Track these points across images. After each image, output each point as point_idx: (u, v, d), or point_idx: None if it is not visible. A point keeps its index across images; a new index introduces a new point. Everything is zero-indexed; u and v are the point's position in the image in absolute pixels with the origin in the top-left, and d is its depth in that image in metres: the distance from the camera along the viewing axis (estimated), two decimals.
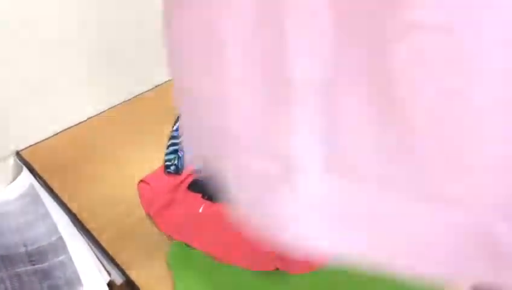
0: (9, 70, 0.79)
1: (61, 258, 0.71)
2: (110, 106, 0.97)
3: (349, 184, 0.34)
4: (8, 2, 0.73)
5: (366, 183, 0.34)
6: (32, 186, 0.80)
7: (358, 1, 0.29)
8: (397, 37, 0.28)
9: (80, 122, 0.94)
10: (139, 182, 0.81)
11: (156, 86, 1.03)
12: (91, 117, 0.95)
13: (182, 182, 0.81)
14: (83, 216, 0.76)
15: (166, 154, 0.84)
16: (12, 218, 0.76)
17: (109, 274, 0.70)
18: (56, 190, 0.80)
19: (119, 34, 0.91)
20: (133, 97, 1.00)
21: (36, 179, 0.82)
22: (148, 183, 0.81)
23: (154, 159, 0.85)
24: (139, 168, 0.83)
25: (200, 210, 0.77)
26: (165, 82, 1.04)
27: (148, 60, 0.99)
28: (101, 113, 0.96)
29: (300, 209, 0.37)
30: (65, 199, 0.79)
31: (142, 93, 1.01)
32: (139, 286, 0.67)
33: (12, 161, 0.85)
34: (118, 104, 0.98)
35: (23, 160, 0.85)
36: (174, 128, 0.89)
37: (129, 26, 0.92)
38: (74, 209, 0.77)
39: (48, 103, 0.87)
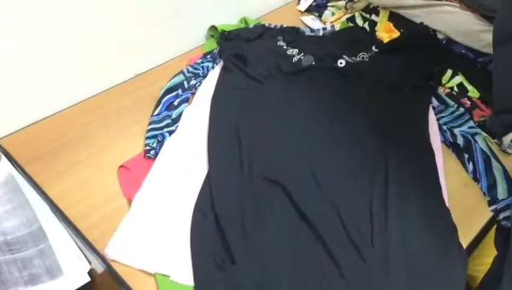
0: None
1: (41, 247, 0.70)
2: (90, 95, 0.96)
3: None
4: None
5: None
6: (11, 175, 0.79)
7: None
8: None
9: (59, 111, 0.93)
10: (119, 167, 0.80)
11: (137, 75, 1.02)
12: (71, 106, 0.94)
13: None
14: (63, 204, 0.75)
15: (146, 138, 0.84)
16: None
17: (90, 262, 0.69)
18: (35, 179, 0.79)
19: (100, 24, 0.90)
20: (114, 86, 0.99)
21: (15, 167, 0.81)
22: (128, 169, 0.80)
23: (135, 146, 0.84)
24: (119, 155, 0.82)
25: None
26: (146, 71, 1.04)
27: (129, 49, 0.98)
28: (81, 101, 0.95)
29: None
30: (44, 187, 0.78)
31: (123, 82, 1.01)
32: (120, 274, 0.67)
33: None
34: (98, 93, 0.97)
35: (2, 149, 0.84)
36: (155, 113, 0.89)
37: (111, 18, 0.91)
38: (53, 198, 0.76)
39: (27, 91, 0.85)
